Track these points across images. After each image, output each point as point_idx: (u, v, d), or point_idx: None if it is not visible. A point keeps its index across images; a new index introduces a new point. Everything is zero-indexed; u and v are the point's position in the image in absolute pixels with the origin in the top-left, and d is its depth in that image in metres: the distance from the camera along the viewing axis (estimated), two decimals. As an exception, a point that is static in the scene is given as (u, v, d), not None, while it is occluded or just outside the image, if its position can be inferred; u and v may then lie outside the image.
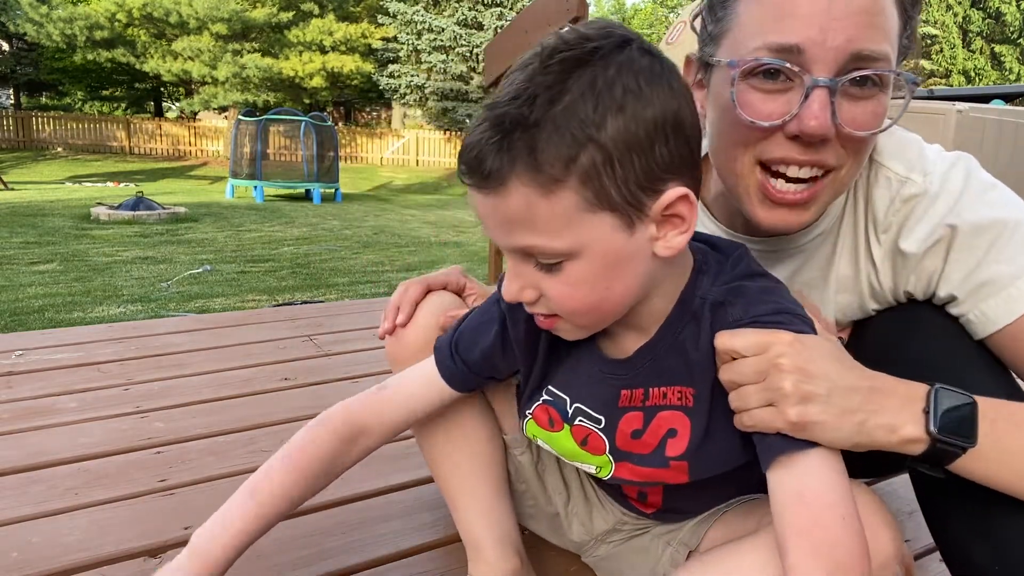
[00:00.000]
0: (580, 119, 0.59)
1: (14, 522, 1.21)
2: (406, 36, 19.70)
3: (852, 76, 0.69)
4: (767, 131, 0.73)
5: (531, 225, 0.63)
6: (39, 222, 8.37)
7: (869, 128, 0.72)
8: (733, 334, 0.67)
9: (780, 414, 0.64)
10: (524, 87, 0.61)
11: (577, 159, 0.60)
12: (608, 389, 0.79)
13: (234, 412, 1.71)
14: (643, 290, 0.70)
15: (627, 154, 0.60)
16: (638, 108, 0.60)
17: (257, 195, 12.65)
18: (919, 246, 0.81)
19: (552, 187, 0.60)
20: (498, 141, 0.60)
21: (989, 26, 22.88)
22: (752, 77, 0.73)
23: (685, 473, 0.76)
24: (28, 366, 1.98)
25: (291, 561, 1.11)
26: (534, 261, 0.66)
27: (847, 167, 0.76)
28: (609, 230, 0.63)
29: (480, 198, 0.64)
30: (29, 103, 25.01)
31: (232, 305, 4.76)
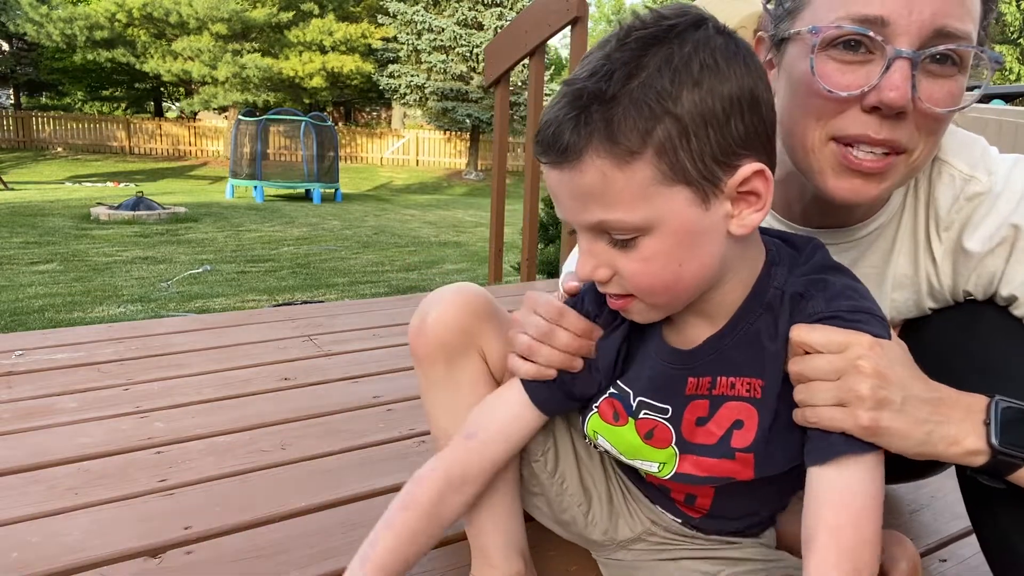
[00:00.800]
0: (657, 92, 0.60)
1: (14, 522, 1.21)
2: (406, 36, 19.70)
3: (936, 50, 0.69)
4: (843, 103, 0.72)
5: (606, 199, 0.63)
6: (39, 222, 8.37)
7: (947, 105, 0.71)
8: (812, 328, 0.67)
9: (852, 416, 0.64)
10: (601, 64, 0.62)
11: (653, 132, 0.61)
12: (675, 379, 0.78)
13: (234, 412, 1.71)
14: (717, 271, 0.69)
15: (703, 127, 0.61)
16: (714, 83, 0.61)
17: (257, 195, 12.66)
18: (983, 245, 0.80)
19: (628, 159, 0.61)
20: (575, 116, 0.62)
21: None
22: (832, 48, 0.72)
23: (751, 467, 0.75)
24: (28, 366, 1.98)
25: (292, 560, 1.11)
26: (608, 238, 0.66)
27: (920, 150, 0.75)
28: (684, 204, 0.63)
29: (556, 175, 0.65)
30: (29, 103, 25.00)
31: (232, 305, 4.77)
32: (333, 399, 1.82)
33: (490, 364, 0.91)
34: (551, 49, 22.82)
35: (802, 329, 0.68)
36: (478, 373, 0.90)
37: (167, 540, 1.16)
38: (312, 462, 1.46)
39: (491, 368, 0.91)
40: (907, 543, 1.03)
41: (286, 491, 1.33)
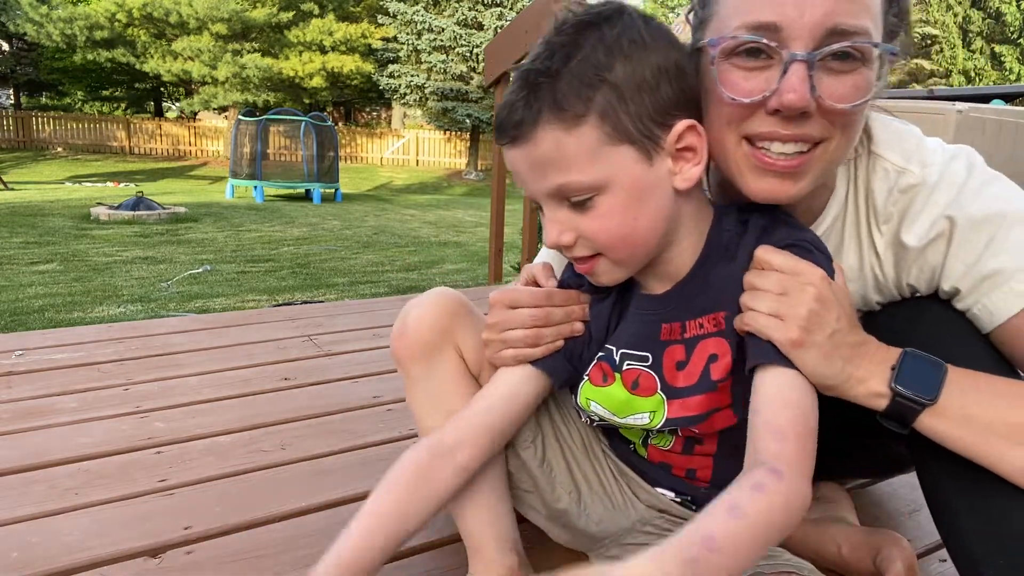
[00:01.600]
0: (593, 65, 0.70)
1: (14, 522, 1.21)
2: (406, 36, 19.69)
3: (830, 49, 0.71)
4: (750, 108, 0.75)
5: (561, 163, 0.72)
6: (39, 222, 8.37)
7: (851, 101, 0.73)
8: (776, 251, 0.75)
9: (784, 327, 0.72)
10: (544, 49, 0.73)
11: (594, 98, 0.70)
12: (649, 326, 0.85)
13: (234, 412, 1.71)
14: (669, 225, 0.78)
15: (637, 93, 0.71)
16: (643, 55, 0.72)
17: (257, 195, 12.66)
18: (920, 239, 0.82)
19: (575, 123, 0.71)
20: (526, 95, 0.72)
21: (989, 26, 22.88)
22: (734, 56, 0.75)
23: (728, 394, 0.80)
24: (28, 366, 1.98)
25: (291, 561, 1.12)
26: (567, 203, 0.75)
27: (836, 140, 0.76)
28: (631, 162, 0.73)
29: (515, 152, 0.75)
30: (29, 103, 25.00)
31: (232, 305, 4.77)
32: (333, 399, 1.82)
33: (467, 359, 0.96)
34: (551, 49, 22.71)
35: (767, 250, 0.76)
36: (456, 368, 0.96)
37: (167, 540, 1.16)
38: (312, 462, 1.47)
39: (467, 363, 0.96)
40: (903, 543, 1.03)
41: (286, 491, 1.34)
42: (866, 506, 1.31)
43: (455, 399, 0.94)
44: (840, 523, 1.13)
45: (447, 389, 0.95)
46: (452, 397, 0.95)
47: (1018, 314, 0.76)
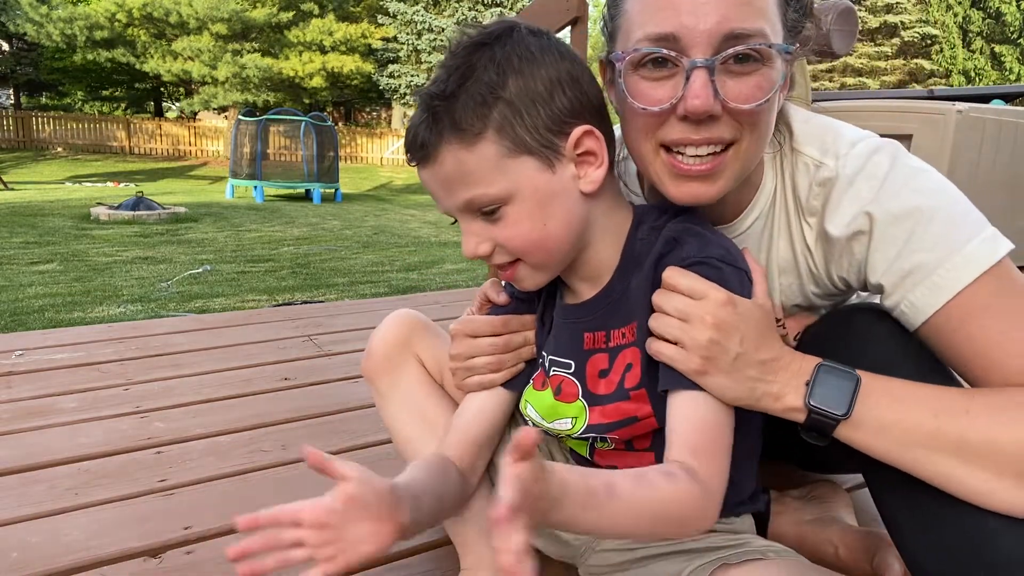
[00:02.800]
0: (487, 84, 0.74)
1: (14, 522, 1.21)
2: (406, 36, 19.70)
3: (728, 54, 0.73)
4: (660, 116, 0.77)
5: (467, 179, 0.75)
6: (39, 222, 8.37)
7: (754, 100, 0.75)
8: (682, 273, 0.76)
9: (686, 357, 0.74)
10: (441, 74, 0.76)
11: (490, 115, 0.73)
12: (573, 334, 0.87)
13: (234, 412, 1.72)
14: (581, 227, 0.80)
15: (532, 105, 0.74)
16: (533, 69, 0.75)
17: (257, 195, 12.66)
18: (842, 230, 0.83)
19: (474, 141, 0.74)
20: (426, 118, 0.76)
21: (989, 26, 22.87)
22: (641, 68, 0.77)
23: (646, 403, 0.81)
24: (28, 366, 1.99)
25: (291, 561, 1.11)
26: (479, 215, 0.77)
27: (747, 140, 0.78)
28: (533, 171, 0.76)
29: (425, 172, 0.79)
30: (29, 103, 25.01)
31: (232, 305, 4.77)
32: (333, 399, 1.82)
33: (427, 366, 1.06)
34: (551, 49, 22.72)
35: (674, 271, 0.76)
36: (419, 374, 1.05)
37: (167, 540, 1.16)
38: (312, 462, 1.47)
39: (428, 370, 1.06)
40: None
41: (286, 491, 1.34)
42: (864, 506, 1.31)
43: (424, 401, 1.04)
44: (837, 523, 1.13)
45: (414, 392, 1.04)
46: (420, 399, 1.04)
47: (941, 309, 0.76)
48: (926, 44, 23.41)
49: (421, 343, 1.06)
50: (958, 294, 0.74)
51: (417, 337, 1.05)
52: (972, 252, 0.74)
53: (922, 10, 23.33)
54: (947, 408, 0.71)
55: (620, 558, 0.97)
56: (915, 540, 0.78)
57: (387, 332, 1.06)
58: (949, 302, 0.75)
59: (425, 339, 1.06)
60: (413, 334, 1.06)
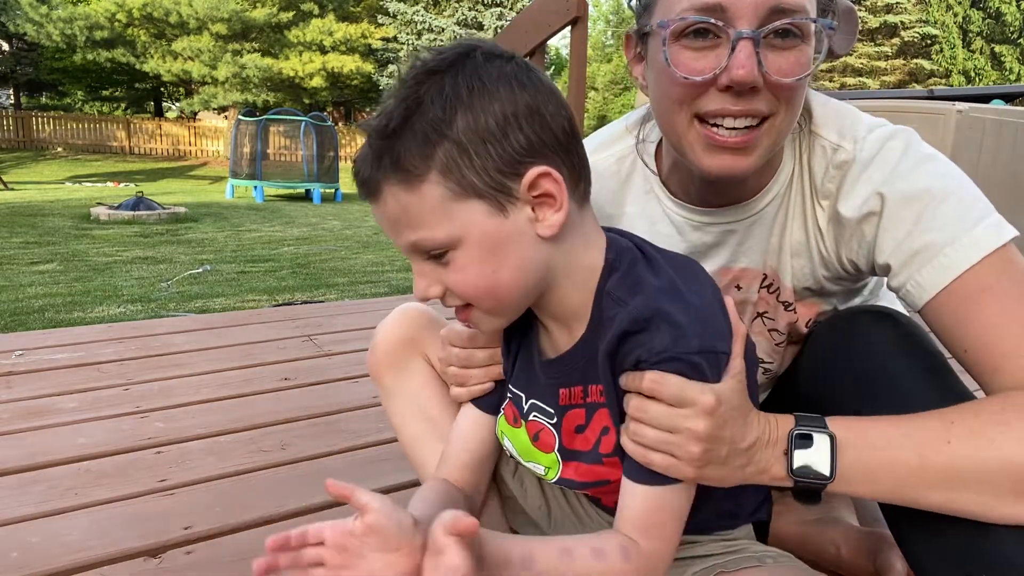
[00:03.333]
0: (430, 120, 0.66)
1: (14, 522, 1.21)
2: (406, 36, 19.69)
3: (775, 26, 0.74)
4: (700, 86, 0.78)
5: (409, 221, 0.69)
6: (39, 222, 8.37)
7: (795, 75, 0.77)
8: (663, 380, 0.68)
9: (678, 467, 0.70)
10: (387, 105, 0.69)
11: (434, 155, 0.66)
12: (549, 388, 0.83)
13: (234, 412, 1.71)
14: (540, 273, 0.73)
15: (482, 144, 0.66)
16: (484, 103, 0.67)
17: (257, 195, 12.66)
18: (855, 212, 0.84)
19: (415, 183, 0.67)
20: (369, 155, 0.70)
21: (989, 26, 22.86)
22: (683, 37, 0.78)
23: (620, 468, 0.76)
24: (28, 366, 1.99)
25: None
26: (426, 256, 0.71)
27: (781, 115, 0.79)
28: (482, 216, 0.68)
29: (372, 208, 0.73)
30: (29, 103, 25.00)
31: (232, 305, 4.76)
32: (333, 399, 1.82)
33: (435, 366, 1.00)
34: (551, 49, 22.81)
35: (655, 377, 0.69)
36: (426, 374, 1.01)
37: (167, 540, 1.16)
38: (312, 462, 1.47)
39: (437, 370, 1.00)
40: None
41: (286, 491, 1.34)
42: (864, 506, 1.30)
43: (429, 402, 1.00)
44: (839, 523, 1.13)
45: (420, 393, 1.01)
46: (427, 401, 1.01)
47: (946, 287, 0.77)
48: (926, 44, 23.40)
49: (429, 341, 1.00)
50: (963, 273, 0.75)
51: (425, 335, 1.01)
52: (979, 234, 0.76)
53: (922, 10, 23.32)
54: (928, 442, 0.71)
55: None
56: (919, 544, 0.78)
57: (392, 328, 1.03)
58: (954, 281, 0.76)
59: (433, 338, 0.99)
60: (420, 332, 1.01)
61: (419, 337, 1.01)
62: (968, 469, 0.70)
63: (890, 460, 0.72)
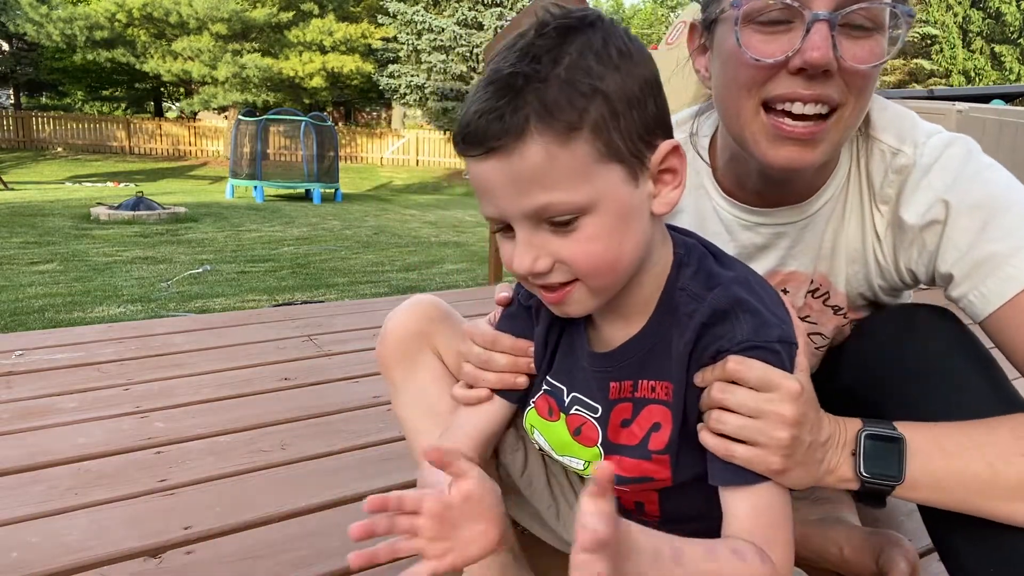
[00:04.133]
0: (585, 72, 0.63)
1: (14, 522, 1.21)
2: (406, 36, 19.68)
3: (850, 9, 0.73)
4: (771, 69, 0.76)
5: (549, 179, 0.63)
6: (39, 222, 8.37)
7: (869, 62, 0.75)
8: (748, 364, 0.67)
9: (765, 458, 0.67)
10: (525, 52, 0.63)
11: (588, 110, 0.62)
12: (598, 381, 0.80)
13: (234, 412, 1.71)
14: (645, 253, 0.71)
15: (627, 108, 0.64)
16: (630, 67, 0.65)
17: (257, 195, 12.66)
18: (918, 218, 0.83)
19: (569, 135, 0.62)
20: (510, 100, 0.62)
21: (989, 26, 22.86)
22: (755, 21, 0.76)
23: (667, 468, 0.76)
24: (28, 366, 1.98)
25: (291, 561, 1.11)
26: (547, 225, 0.66)
27: (850, 106, 0.78)
28: (619, 182, 0.65)
29: (490, 165, 0.64)
30: (29, 103, 25.00)
31: (232, 305, 4.76)
32: (333, 399, 1.82)
33: (446, 361, 0.97)
34: (551, 49, 22.71)
35: (738, 363, 0.67)
36: (436, 369, 0.97)
37: (167, 540, 1.16)
38: (312, 462, 1.47)
39: (448, 365, 0.97)
40: (905, 543, 1.03)
41: (286, 491, 1.34)
42: (865, 506, 1.30)
43: (437, 399, 0.96)
44: (842, 524, 1.13)
45: (429, 390, 0.97)
46: (434, 397, 0.97)
47: (1012, 299, 0.76)
48: (926, 44, 23.39)
49: (440, 335, 0.97)
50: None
51: (437, 329, 0.97)
52: None
53: (922, 10, 23.31)
54: (1001, 454, 0.71)
55: None
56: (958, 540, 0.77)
57: (403, 320, 0.98)
58: (1019, 293, 0.75)
59: (446, 331, 0.97)
60: (432, 326, 0.97)
61: (430, 330, 0.97)
62: None
63: (960, 469, 0.71)
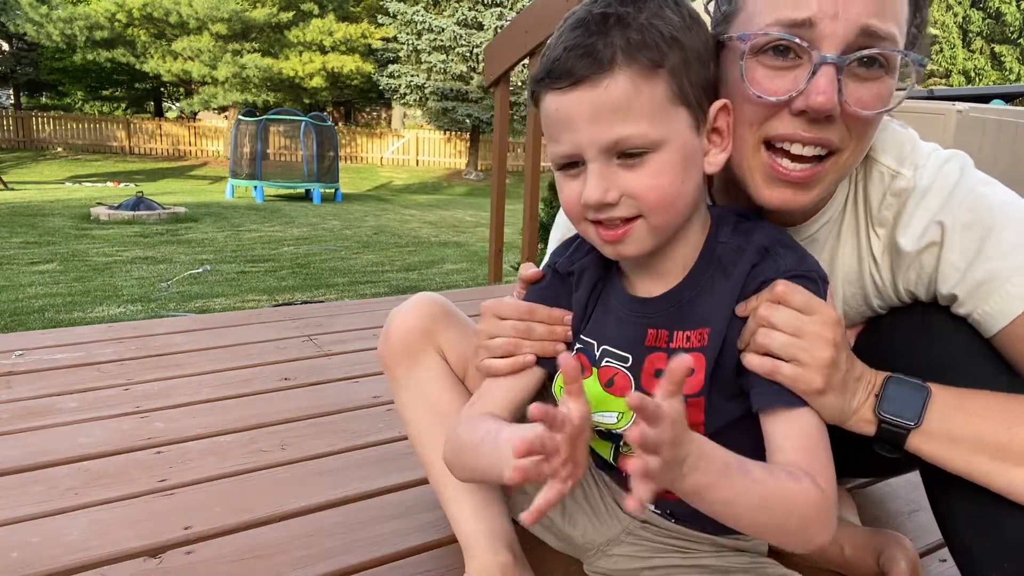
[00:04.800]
0: (665, 20, 0.71)
1: (14, 522, 1.21)
2: (406, 36, 19.67)
3: (859, 55, 0.71)
4: (774, 107, 0.75)
5: (631, 112, 0.70)
6: (39, 222, 8.37)
7: (874, 108, 0.74)
8: (793, 288, 0.72)
9: (806, 376, 0.71)
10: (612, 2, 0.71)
11: (669, 53, 0.70)
12: (635, 329, 0.82)
13: (234, 412, 1.71)
14: (696, 205, 0.77)
15: (697, 62, 0.73)
16: (697, 30, 0.74)
17: (257, 195, 12.66)
18: (914, 244, 0.82)
19: (652, 73, 0.70)
20: (601, 33, 0.70)
21: (989, 26, 22.86)
22: (762, 54, 0.74)
23: (701, 411, 0.78)
24: (28, 366, 1.98)
25: (291, 561, 1.11)
26: (618, 159, 0.72)
27: (850, 150, 0.77)
28: (687, 126, 0.73)
29: (575, 96, 0.70)
30: (29, 103, 24.99)
31: (232, 305, 4.77)
32: (333, 399, 1.82)
33: (449, 360, 1.00)
34: (551, 49, 22.70)
35: (787, 286, 0.72)
36: (439, 368, 0.99)
37: (167, 540, 1.16)
38: (312, 462, 1.47)
39: (451, 364, 0.99)
40: (906, 543, 1.03)
41: (286, 491, 1.34)
42: (866, 506, 1.31)
43: (439, 397, 0.98)
44: (842, 523, 1.13)
45: (431, 388, 0.99)
46: (436, 396, 0.99)
47: (1016, 318, 0.75)
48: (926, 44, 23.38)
49: (444, 334, 0.99)
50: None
51: (441, 328, 0.99)
52: None
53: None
54: (1021, 419, 0.71)
55: (632, 564, 0.96)
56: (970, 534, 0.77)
57: (407, 318, 1.00)
58: None
59: (449, 331, 0.99)
60: (436, 324, 0.99)
61: (434, 328, 0.99)
62: None
63: (979, 426, 0.72)
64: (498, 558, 0.96)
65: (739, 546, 0.92)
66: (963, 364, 0.79)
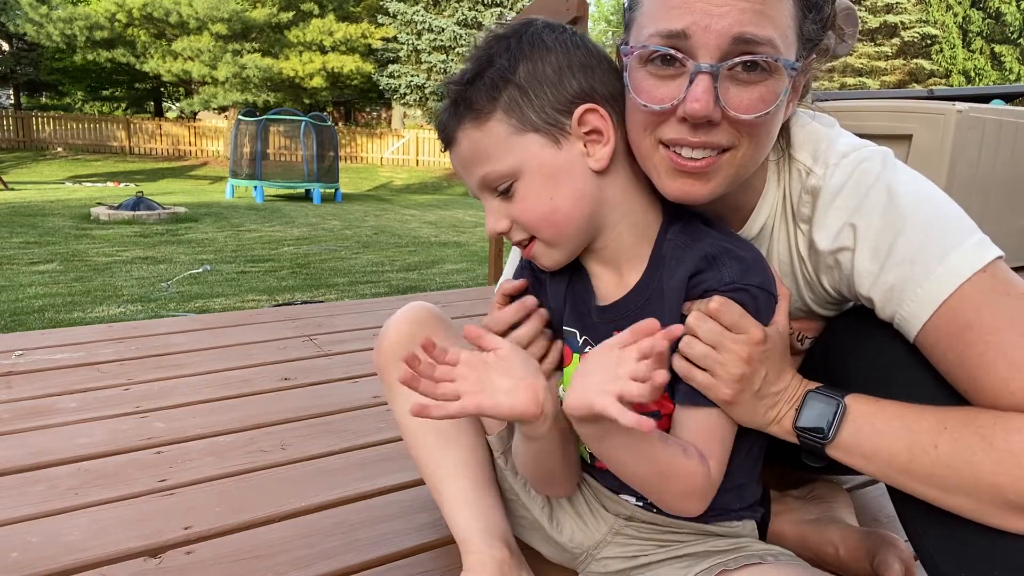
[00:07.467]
0: (499, 70, 0.80)
1: (14, 522, 1.21)
2: (406, 36, 19.68)
3: (733, 62, 0.72)
4: (660, 115, 0.77)
5: (478, 157, 0.82)
6: (39, 222, 8.37)
7: (755, 111, 0.74)
8: (728, 307, 0.77)
9: (716, 386, 0.78)
10: (465, 65, 0.84)
11: (499, 97, 0.80)
12: (605, 331, 0.87)
13: (234, 412, 1.72)
14: (593, 205, 0.82)
15: (539, 87, 0.80)
16: (543, 55, 0.80)
17: (257, 195, 12.66)
18: (829, 243, 0.83)
19: (483, 119, 0.81)
20: (449, 106, 0.84)
21: (989, 26, 22.85)
22: (648, 64, 0.76)
23: (669, 400, 0.83)
24: (28, 366, 1.99)
25: (291, 561, 1.12)
26: (495, 193, 0.83)
27: (744, 148, 0.77)
28: (538, 148, 0.81)
29: (452, 157, 0.86)
30: (29, 103, 25.00)
31: (232, 305, 4.77)
32: (333, 399, 1.82)
33: None
34: (551, 49, 22.69)
35: (720, 303, 0.77)
36: None
37: (167, 540, 1.16)
38: (312, 462, 1.47)
39: None
40: (901, 544, 1.03)
41: (286, 491, 1.34)
42: (864, 506, 1.31)
43: None
44: (838, 524, 1.13)
45: None
46: None
47: (928, 321, 0.75)
48: (926, 44, 23.39)
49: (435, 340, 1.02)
50: (941, 306, 0.73)
51: (431, 332, 1.01)
52: (955, 263, 0.73)
53: (922, 10, 23.31)
54: (918, 443, 0.73)
55: (620, 565, 0.97)
56: (931, 538, 0.78)
57: (401, 325, 1.05)
58: (933, 316, 0.74)
59: (439, 335, 1.01)
60: (428, 330, 1.03)
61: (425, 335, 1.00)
62: (949, 477, 0.71)
63: (885, 447, 0.75)
64: (494, 553, 0.97)
65: (722, 531, 0.93)
66: (901, 371, 0.80)
